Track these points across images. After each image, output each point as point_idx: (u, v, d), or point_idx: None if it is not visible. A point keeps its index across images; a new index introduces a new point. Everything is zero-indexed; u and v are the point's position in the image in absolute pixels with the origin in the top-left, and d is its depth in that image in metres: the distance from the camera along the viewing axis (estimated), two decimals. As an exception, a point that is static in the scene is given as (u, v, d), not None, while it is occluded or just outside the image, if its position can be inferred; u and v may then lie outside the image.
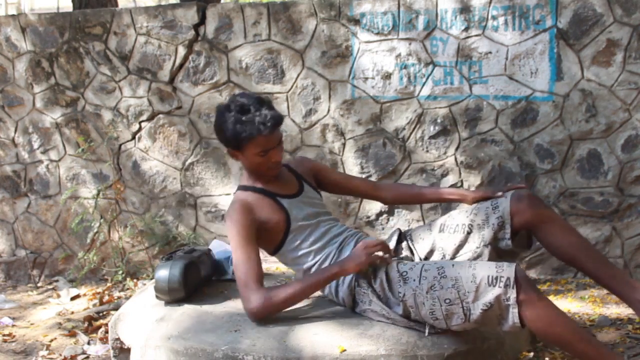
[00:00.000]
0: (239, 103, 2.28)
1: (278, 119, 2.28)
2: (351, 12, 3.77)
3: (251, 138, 2.25)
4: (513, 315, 1.94)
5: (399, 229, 2.48)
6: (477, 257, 2.27)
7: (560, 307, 3.05)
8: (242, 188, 2.43)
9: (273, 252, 2.44)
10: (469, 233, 2.30)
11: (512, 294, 1.92)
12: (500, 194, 2.36)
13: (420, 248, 2.39)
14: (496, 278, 1.95)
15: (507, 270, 1.95)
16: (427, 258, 2.36)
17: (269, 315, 2.20)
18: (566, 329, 1.96)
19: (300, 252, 2.37)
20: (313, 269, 2.36)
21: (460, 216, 2.36)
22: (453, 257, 2.31)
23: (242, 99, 2.30)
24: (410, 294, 2.09)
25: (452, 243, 2.32)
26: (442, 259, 2.33)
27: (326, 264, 2.34)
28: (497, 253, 2.28)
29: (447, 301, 2.01)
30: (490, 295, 1.95)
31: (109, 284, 4.06)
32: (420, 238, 2.41)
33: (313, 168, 2.62)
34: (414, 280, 2.10)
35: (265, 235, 2.35)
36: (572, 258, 2.23)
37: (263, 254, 2.38)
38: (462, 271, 2.02)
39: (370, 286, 2.21)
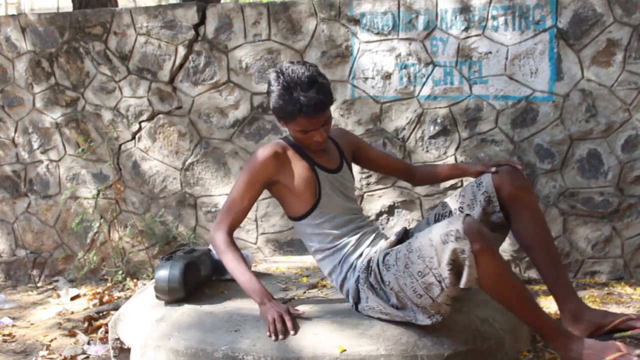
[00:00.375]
0: (289, 78, 2.18)
1: (322, 105, 2.17)
2: (351, 12, 3.77)
3: (292, 117, 2.20)
4: (469, 269, 1.89)
5: (405, 228, 2.47)
6: None
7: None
8: (284, 139, 2.38)
9: (294, 219, 2.39)
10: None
11: (467, 246, 1.88)
12: (493, 169, 2.34)
13: None
14: (447, 234, 1.91)
15: (456, 222, 1.92)
16: None
17: (215, 248, 2.32)
18: (512, 291, 1.98)
19: (320, 231, 2.34)
20: (323, 255, 2.36)
21: (451, 202, 2.39)
22: None
23: (294, 73, 2.18)
24: (393, 278, 2.10)
25: None
26: None
27: (341, 253, 2.32)
28: (491, 228, 2.28)
29: (420, 274, 2.00)
30: (447, 252, 1.91)
31: (109, 284, 4.06)
32: (420, 232, 2.41)
33: (354, 143, 2.54)
34: (393, 264, 2.11)
35: (291, 199, 2.33)
36: (528, 247, 2.26)
37: (283, 221, 2.39)
38: (422, 239, 1.99)
39: (367, 281, 2.21)
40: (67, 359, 2.84)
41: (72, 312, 3.60)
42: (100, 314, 3.43)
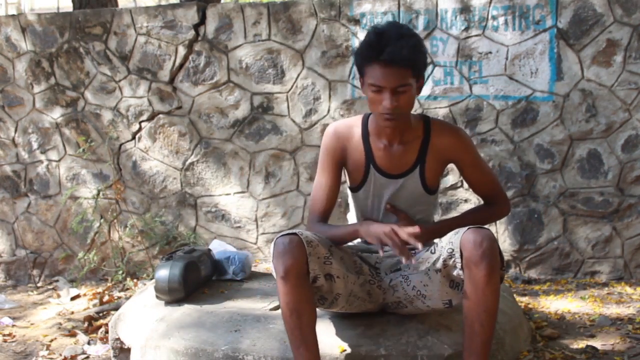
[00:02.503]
0: (383, 27, 2.04)
1: (402, 57, 1.97)
2: (351, 12, 3.76)
3: (369, 61, 2.02)
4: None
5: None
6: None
7: (560, 307, 3.07)
8: (363, 119, 2.23)
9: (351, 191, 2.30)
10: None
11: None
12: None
13: None
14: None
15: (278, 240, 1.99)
16: None
17: None
18: (286, 324, 1.99)
19: (351, 209, 2.32)
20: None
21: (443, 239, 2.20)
22: None
23: (390, 25, 2.05)
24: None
25: None
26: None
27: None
28: (454, 285, 2.13)
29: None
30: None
31: (109, 284, 4.05)
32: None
33: (456, 154, 2.19)
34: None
35: (348, 173, 2.26)
36: (463, 315, 2.02)
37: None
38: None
39: None
40: (67, 359, 2.84)
41: (72, 312, 3.60)
42: (100, 314, 3.43)
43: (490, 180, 2.26)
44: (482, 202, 2.33)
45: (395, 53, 1.97)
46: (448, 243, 2.02)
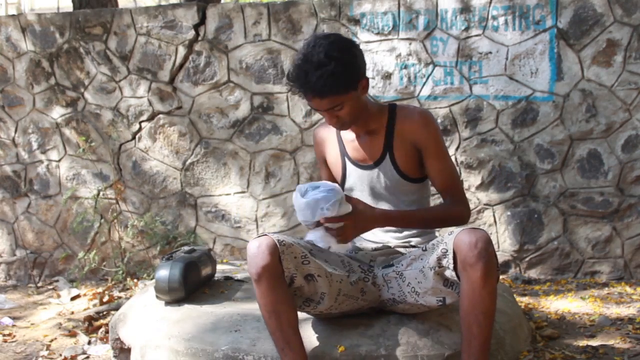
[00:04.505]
0: (309, 50, 2.01)
1: (322, 90, 2.00)
2: (351, 12, 3.77)
3: (298, 91, 2.07)
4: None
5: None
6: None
7: (560, 307, 3.07)
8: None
9: None
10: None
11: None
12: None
13: None
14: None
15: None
16: None
17: None
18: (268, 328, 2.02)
19: None
20: None
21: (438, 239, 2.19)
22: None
23: (316, 47, 2.00)
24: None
25: None
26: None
27: None
28: (448, 283, 2.12)
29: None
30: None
31: (109, 284, 4.05)
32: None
33: (419, 139, 2.16)
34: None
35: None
36: (461, 317, 2.00)
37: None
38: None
39: None
40: (67, 359, 2.84)
41: (73, 312, 3.60)
42: (101, 314, 3.43)
43: (451, 176, 2.20)
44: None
45: (316, 87, 1.99)
46: (441, 243, 2.01)
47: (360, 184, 2.24)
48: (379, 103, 2.19)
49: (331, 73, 1.98)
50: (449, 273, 1.98)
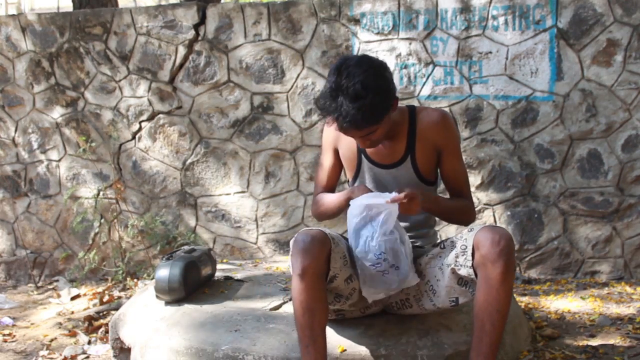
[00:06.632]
0: (342, 81, 1.96)
1: (359, 123, 1.97)
2: (351, 12, 3.77)
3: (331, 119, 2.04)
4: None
5: None
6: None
7: (560, 307, 3.07)
8: None
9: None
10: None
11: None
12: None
13: None
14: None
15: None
16: None
17: (316, 216, 2.33)
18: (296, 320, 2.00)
19: None
20: None
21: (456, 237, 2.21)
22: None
23: (350, 76, 1.95)
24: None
25: None
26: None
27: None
28: (462, 282, 2.14)
29: None
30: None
31: (109, 284, 4.05)
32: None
33: (440, 140, 2.18)
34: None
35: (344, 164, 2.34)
36: (474, 315, 2.00)
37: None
38: None
39: None
40: (67, 358, 2.84)
41: (73, 312, 3.60)
42: (101, 314, 3.43)
43: (464, 176, 2.26)
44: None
45: (354, 120, 1.95)
46: (460, 240, 2.02)
47: (374, 182, 2.24)
48: (399, 107, 2.18)
49: (369, 105, 1.95)
50: (465, 271, 2.00)
